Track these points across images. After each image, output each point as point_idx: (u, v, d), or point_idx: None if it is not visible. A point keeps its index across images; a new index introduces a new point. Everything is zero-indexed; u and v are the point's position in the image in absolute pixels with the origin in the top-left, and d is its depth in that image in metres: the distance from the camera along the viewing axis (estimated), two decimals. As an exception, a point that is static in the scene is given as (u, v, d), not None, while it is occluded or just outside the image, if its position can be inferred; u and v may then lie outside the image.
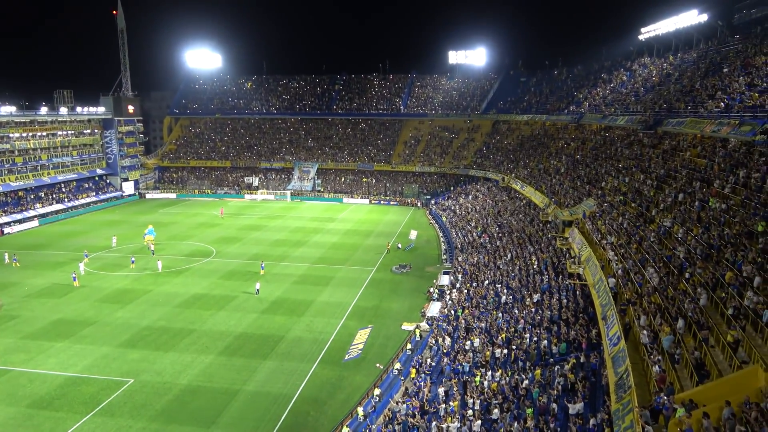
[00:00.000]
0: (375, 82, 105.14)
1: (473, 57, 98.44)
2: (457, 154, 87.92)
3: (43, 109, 79.06)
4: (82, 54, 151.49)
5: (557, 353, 24.89)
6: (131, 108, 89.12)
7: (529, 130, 79.49)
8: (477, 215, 59.65)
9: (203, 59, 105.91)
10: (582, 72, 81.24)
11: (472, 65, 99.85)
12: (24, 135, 73.13)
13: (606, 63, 74.58)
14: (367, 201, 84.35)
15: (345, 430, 22.56)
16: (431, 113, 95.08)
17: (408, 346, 31.34)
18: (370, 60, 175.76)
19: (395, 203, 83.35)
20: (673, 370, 15.41)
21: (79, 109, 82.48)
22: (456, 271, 43.05)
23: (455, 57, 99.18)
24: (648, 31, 61.67)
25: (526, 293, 32.99)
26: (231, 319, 35.83)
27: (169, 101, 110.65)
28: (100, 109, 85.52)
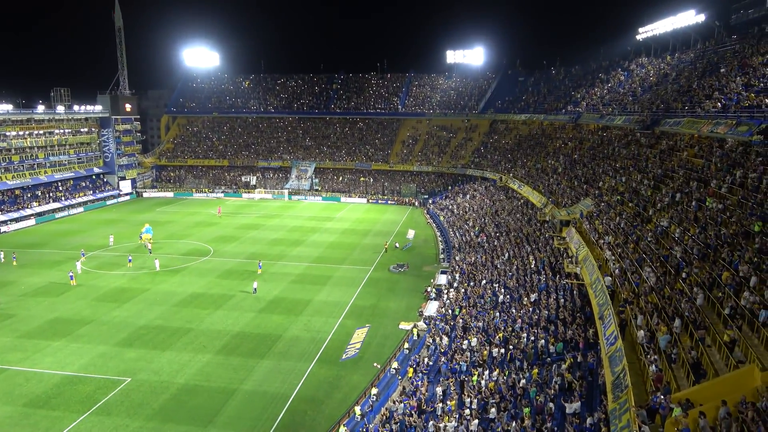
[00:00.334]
0: (373, 81, 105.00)
1: (471, 56, 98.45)
2: (455, 153, 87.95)
3: (40, 108, 78.76)
4: (79, 52, 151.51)
5: (554, 353, 24.92)
6: (128, 106, 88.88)
7: (527, 129, 79.53)
8: (474, 215, 59.70)
9: (201, 58, 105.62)
10: (580, 72, 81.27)
11: (469, 65, 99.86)
12: (21, 133, 72.88)
13: (604, 63, 74.60)
14: (365, 200, 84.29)
15: (342, 429, 22.56)
16: (429, 112, 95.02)
17: (405, 345, 31.37)
18: (367, 59, 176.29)
19: (393, 202, 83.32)
20: (670, 369, 15.46)
21: (77, 108, 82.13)
22: (453, 271, 43.09)
23: (453, 56, 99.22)
24: (645, 31, 61.79)
25: (523, 293, 33.03)
26: (228, 318, 35.80)
27: (167, 100, 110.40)
28: (97, 108, 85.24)
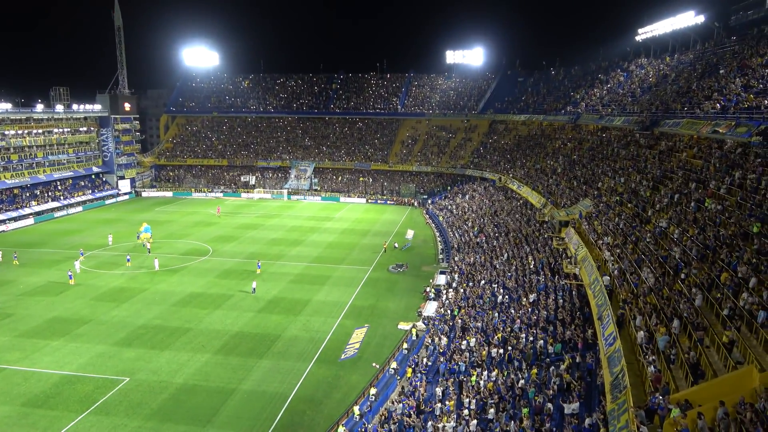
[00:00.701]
0: (372, 81, 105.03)
1: (471, 57, 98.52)
2: (454, 153, 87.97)
3: (39, 107, 78.58)
4: (78, 51, 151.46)
5: (553, 353, 24.93)
6: (128, 106, 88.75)
7: (526, 130, 79.57)
8: (474, 215, 59.71)
9: (200, 57, 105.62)
10: (579, 72, 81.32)
11: (469, 65, 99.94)
12: (20, 132, 72.78)
13: (603, 63, 74.64)
14: (364, 200, 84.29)
15: (341, 429, 22.56)
16: (428, 113, 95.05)
17: (404, 345, 31.36)
18: (367, 59, 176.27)
19: (392, 203, 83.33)
20: (669, 370, 15.47)
21: (76, 107, 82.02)
22: (452, 271, 43.11)
23: (453, 57, 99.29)
24: (645, 32, 61.80)
25: (522, 293, 33.03)
26: (227, 318, 35.78)
27: (166, 99, 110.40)
28: (96, 107, 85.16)
